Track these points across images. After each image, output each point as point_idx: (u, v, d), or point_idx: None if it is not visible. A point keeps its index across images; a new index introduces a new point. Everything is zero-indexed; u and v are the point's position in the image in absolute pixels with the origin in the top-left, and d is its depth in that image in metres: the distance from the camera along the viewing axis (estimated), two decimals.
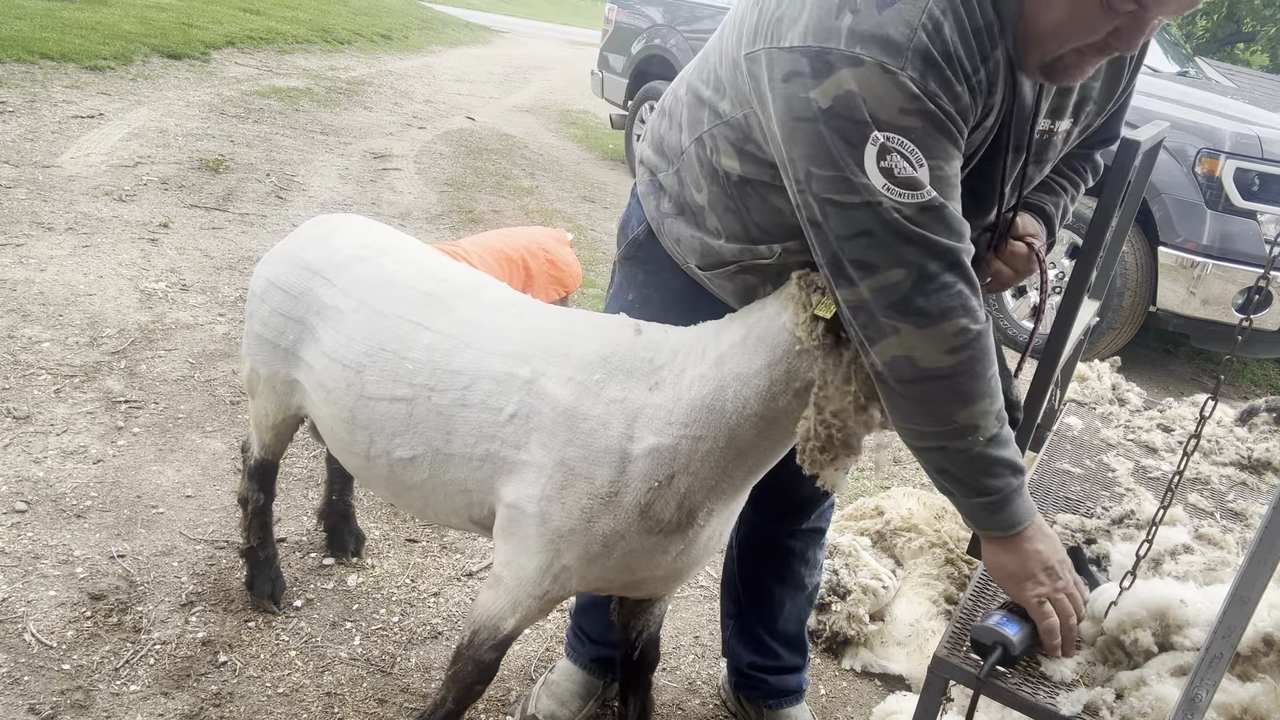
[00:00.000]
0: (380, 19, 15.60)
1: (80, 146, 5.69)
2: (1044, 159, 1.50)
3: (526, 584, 1.62)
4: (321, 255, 1.93)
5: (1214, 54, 17.52)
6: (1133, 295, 5.04)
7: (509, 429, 1.61)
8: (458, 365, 1.66)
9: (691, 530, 1.59)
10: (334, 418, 1.82)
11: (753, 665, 2.17)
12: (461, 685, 1.72)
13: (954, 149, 1.23)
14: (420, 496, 1.77)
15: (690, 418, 1.50)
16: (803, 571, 2.09)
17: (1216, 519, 2.27)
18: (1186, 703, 1.21)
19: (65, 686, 2.00)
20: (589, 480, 1.54)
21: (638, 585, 1.71)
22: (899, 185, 1.20)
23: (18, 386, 3.06)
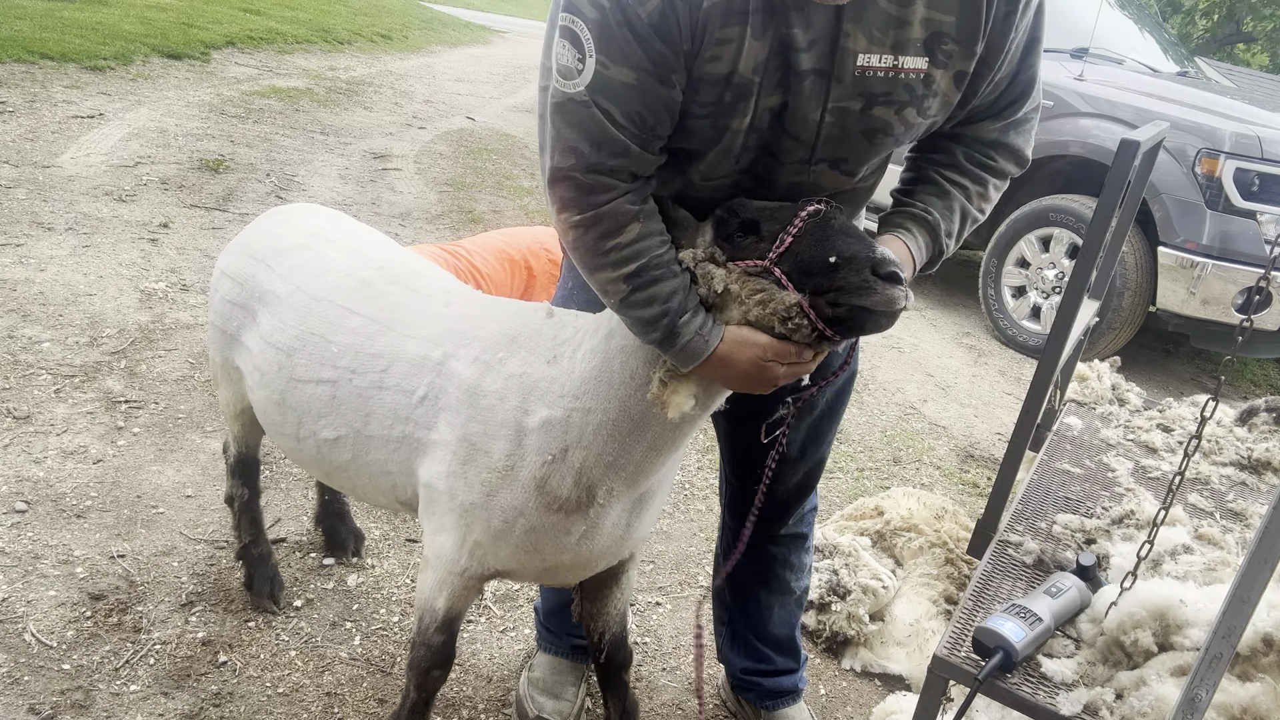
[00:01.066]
0: (380, 19, 15.59)
1: (80, 146, 5.69)
2: (892, 98, 1.37)
3: (446, 561, 1.66)
4: (267, 243, 1.98)
5: (1214, 54, 17.52)
6: (1133, 295, 5.05)
7: (420, 410, 1.65)
8: (377, 349, 1.71)
9: (593, 510, 1.59)
10: (267, 400, 1.87)
11: (746, 670, 2.19)
12: (419, 672, 1.76)
13: (639, 54, 1.26)
14: (348, 477, 1.83)
15: (581, 389, 1.52)
16: (788, 576, 2.10)
17: (1216, 519, 2.27)
18: (1186, 703, 1.21)
19: (65, 686, 2.00)
20: (487, 454, 1.57)
21: (550, 571, 1.71)
22: (559, 73, 1.30)
23: (18, 386, 3.06)
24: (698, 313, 1.40)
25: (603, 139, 1.32)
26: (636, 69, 1.28)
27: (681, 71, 1.31)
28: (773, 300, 1.35)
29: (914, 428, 4.15)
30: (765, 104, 1.37)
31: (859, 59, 1.32)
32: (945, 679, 1.56)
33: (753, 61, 1.31)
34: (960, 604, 1.75)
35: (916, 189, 1.56)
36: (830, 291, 1.30)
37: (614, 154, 1.34)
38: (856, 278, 1.28)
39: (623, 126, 1.32)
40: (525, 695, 2.15)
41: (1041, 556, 1.93)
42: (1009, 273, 5.58)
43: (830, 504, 3.33)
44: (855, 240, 1.32)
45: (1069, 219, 5.23)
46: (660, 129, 1.36)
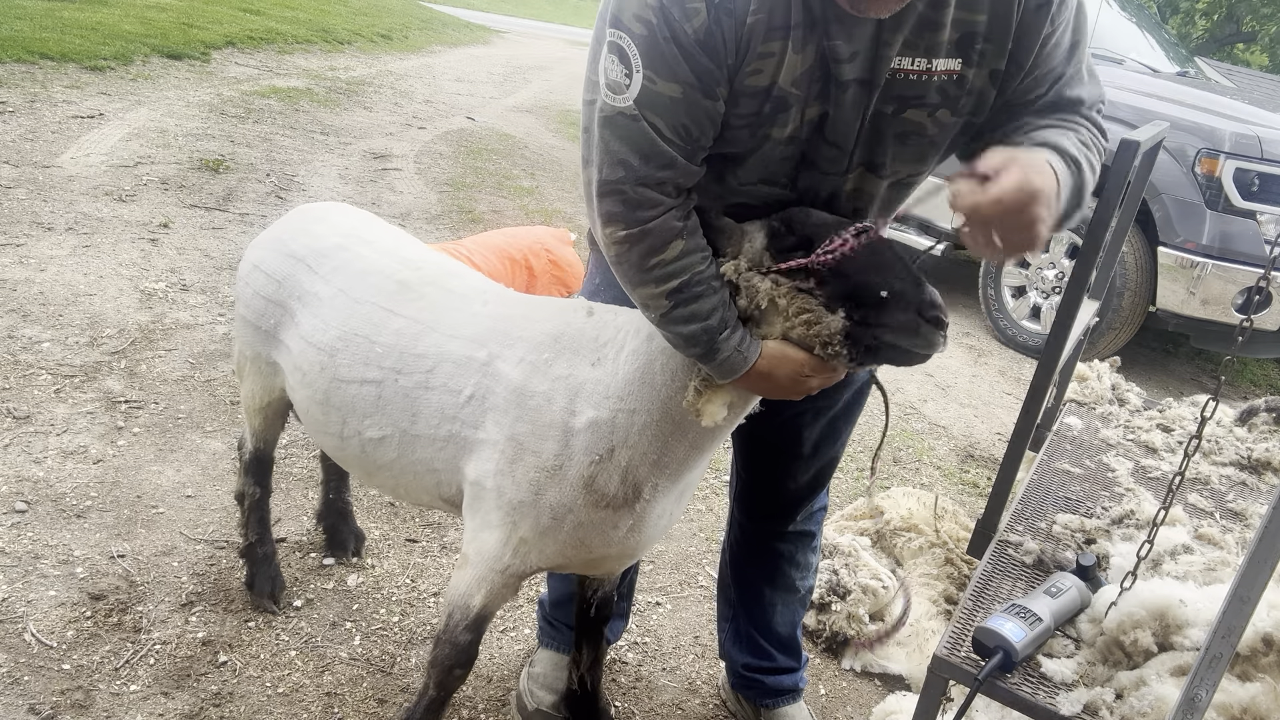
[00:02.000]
0: (380, 19, 15.59)
1: (80, 146, 5.69)
2: (925, 101, 1.38)
3: (489, 559, 1.68)
4: (305, 243, 2.00)
5: (1214, 54, 17.52)
6: (1132, 295, 5.05)
7: (468, 410, 1.68)
8: (422, 349, 1.74)
9: (639, 505, 1.62)
10: (309, 399, 1.90)
11: (747, 667, 2.20)
12: (441, 670, 1.77)
13: (684, 69, 1.29)
14: (391, 476, 1.85)
15: (625, 391, 1.56)
16: (793, 574, 2.11)
17: (1216, 519, 2.27)
18: (1186, 703, 1.21)
19: (65, 686, 2.00)
20: (536, 454, 1.60)
21: (596, 563, 1.75)
22: (608, 87, 1.32)
23: (18, 386, 3.06)
24: (737, 329, 1.43)
25: (651, 152, 1.34)
26: (683, 83, 1.30)
27: (725, 85, 1.33)
28: (819, 324, 1.37)
29: (914, 428, 4.16)
30: (808, 116, 1.38)
31: (895, 63, 1.34)
32: (945, 679, 1.56)
33: (793, 74, 1.33)
34: (960, 604, 1.75)
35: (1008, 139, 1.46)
36: (876, 326, 1.33)
37: (661, 166, 1.35)
38: (904, 316, 1.32)
39: (669, 139, 1.34)
40: (525, 690, 2.17)
41: (1041, 556, 1.93)
42: (1009, 273, 5.58)
43: (831, 504, 3.32)
44: (906, 276, 1.34)
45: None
46: (704, 140, 1.38)
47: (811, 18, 1.30)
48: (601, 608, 1.98)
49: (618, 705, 2.26)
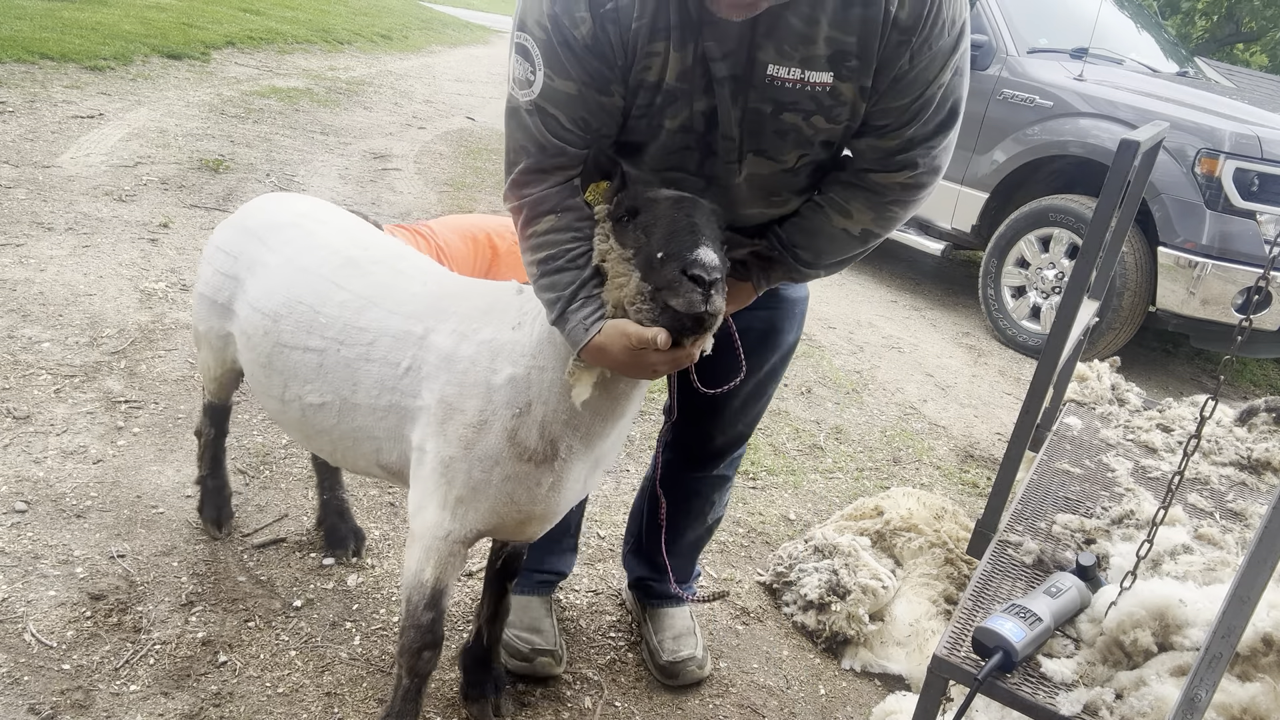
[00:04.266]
0: (380, 19, 15.59)
1: (80, 146, 5.69)
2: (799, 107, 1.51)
3: (431, 528, 1.77)
4: (261, 220, 2.15)
5: (1213, 54, 17.51)
6: (1132, 295, 5.05)
7: (406, 380, 1.80)
8: (364, 323, 1.85)
9: (557, 464, 1.73)
10: (253, 362, 2.03)
11: (641, 578, 2.48)
12: (411, 655, 1.84)
13: (578, 69, 1.47)
14: (330, 441, 1.96)
15: (537, 349, 1.68)
16: (707, 510, 2.37)
17: (1216, 519, 2.27)
18: (1186, 703, 1.21)
19: (65, 686, 2.00)
20: (463, 411, 1.72)
21: (523, 524, 1.83)
22: (515, 82, 1.52)
23: (18, 386, 3.06)
24: (587, 305, 1.56)
25: (545, 142, 1.53)
26: (577, 82, 1.48)
27: (619, 82, 1.51)
28: (625, 287, 1.51)
29: (914, 428, 4.16)
30: (697, 108, 1.53)
31: (769, 69, 1.48)
32: (945, 679, 1.57)
33: (676, 71, 1.49)
34: (960, 604, 1.75)
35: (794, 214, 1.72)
36: (657, 287, 1.45)
37: (554, 155, 1.55)
38: (670, 274, 1.42)
39: (568, 130, 1.53)
40: (510, 637, 2.29)
41: (1041, 556, 1.93)
42: (1009, 273, 5.58)
43: (830, 504, 3.33)
44: (686, 238, 1.44)
45: (1069, 219, 5.23)
46: (605, 130, 1.57)
47: (688, 20, 1.45)
48: (509, 563, 2.09)
49: (617, 705, 2.26)
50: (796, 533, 3.06)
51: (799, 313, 2.14)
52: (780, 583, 2.75)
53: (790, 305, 2.11)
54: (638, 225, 1.51)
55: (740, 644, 2.56)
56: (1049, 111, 5.37)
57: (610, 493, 3.14)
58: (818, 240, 1.69)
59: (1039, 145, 5.39)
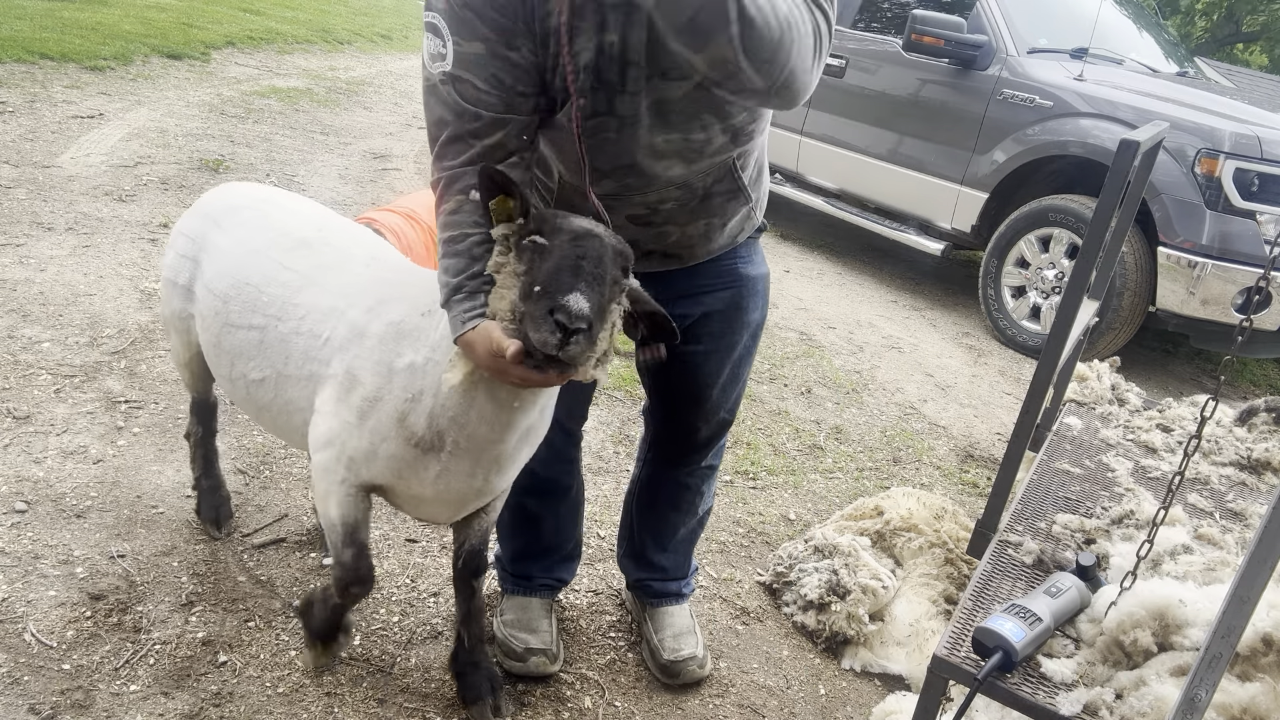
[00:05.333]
0: (380, 19, 15.59)
1: (80, 146, 5.69)
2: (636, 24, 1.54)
3: (327, 473, 1.86)
4: (219, 205, 2.22)
5: (1213, 54, 17.51)
6: (1132, 295, 5.05)
7: (324, 351, 1.87)
8: (300, 300, 1.93)
9: (443, 455, 1.77)
10: (207, 343, 2.12)
11: (639, 579, 2.47)
12: (340, 587, 1.96)
13: (482, 28, 1.53)
14: (271, 416, 2.03)
15: (438, 343, 1.72)
16: (696, 502, 2.37)
17: (1216, 519, 2.27)
18: (1186, 703, 1.21)
19: (65, 686, 2.00)
20: (363, 385, 1.79)
21: (417, 503, 1.91)
22: (429, 58, 1.58)
23: (18, 386, 3.06)
24: (471, 298, 1.60)
25: (460, 109, 1.58)
26: (483, 40, 1.54)
27: (526, 35, 1.55)
28: (504, 300, 1.57)
29: (914, 428, 4.16)
30: (595, 43, 1.57)
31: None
32: (945, 679, 1.57)
33: (572, 7, 1.53)
34: (960, 604, 1.75)
35: None
36: (525, 314, 1.49)
37: (470, 120, 1.59)
38: (538, 311, 1.45)
39: (483, 91, 1.57)
40: (506, 636, 2.29)
41: (1041, 556, 1.93)
42: (1009, 273, 5.58)
43: (830, 504, 3.33)
44: (566, 279, 1.46)
45: (1069, 219, 5.23)
46: (520, 87, 1.60)
47: None
48: (470, 559, 2.10)
49: (617, 705, 2.26)
50: (796, 533, 3.06)
51: (761, 290, 2.13)
52: (780, 583, 2.75)
53: (751, 283, 2.11)
54: (536, 248, 1.53)
55: (740, 644, 2.56)
56: (1049, 111, 5.37)
57: (610, 493, 3.14)
58: None
59: (1039, 145, 5.39)
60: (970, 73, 5.76)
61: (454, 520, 2.04)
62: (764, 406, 4.06)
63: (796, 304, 5.57)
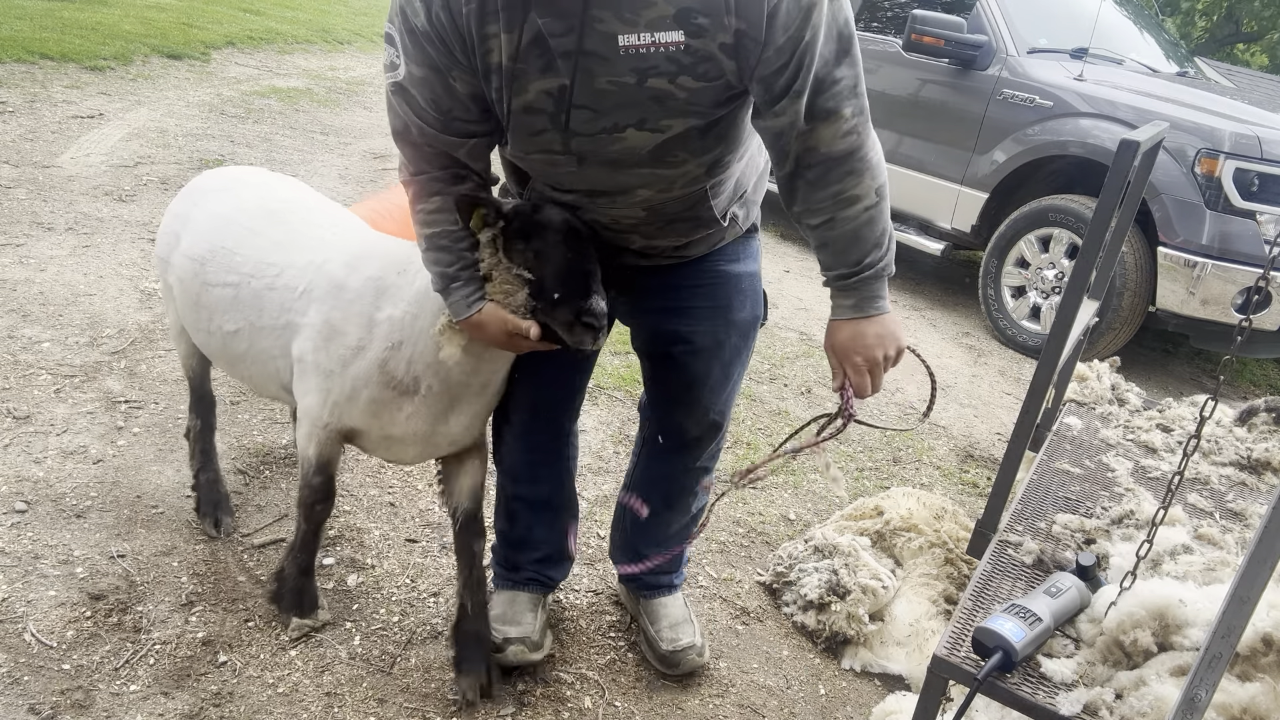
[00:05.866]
0: (380, 19, 15.55)
1: (80, 146, 5.69)
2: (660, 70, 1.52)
3: (312, 417, 2.05)
4: (200, 184, 2.44)
5: (1213, 54, 17.51)
6: (1132, 295, 5.05)
7: (300, 302, 2.05)
8: (273, 259, 2.13)
9: (418, 398, 1.97)
10: (186, 303, 2.31)
11: (631, 574, 2.49)
12: (305, 508, 2.16)
13: (423, 54, 1.58)
14: (245, 366, 2.23)
15: (415, 298, 1.91)
16: (689, 501, 2.39)
17: (1216, 519, 2.27)
18: (1186, 703, 1.21)
19: (65, 686, 2.00)
20: (344, 335, 1.97)
21: (389, 442, 2.09)
22: (386, 66, 1.66)
23: (18, 386, 3.06)
24: (469, 284, 1.76)
25: (409, 120, 1.68)
26: (423, 66, 1.60)
27: (462, 68, 1.59)
28: (511, 299, 1.75)
29: (914, 428, 4.15)
30: (538, 86, 1.58)
31: (620, 39, 1.50)
32: (945, 679, 1.57)
33: (511, 50, 1.54)
34: (960, 604, 1.75)
35: None
36: (546, 316, 1.72)
37: (421, 130, 1.68)
38: (565, 315, 1.69)
39: (424, 110, 1.65)
40: (491, 631, 2.27)
41: (1041, 556, 1.93)
42: (1009, 273, 5.58)
43: (830, 504, 3.33)
44: (581, 283, 1.69)
45: (1069, 219, 5.23)
46: (458, 113, 1.66)
47: (516, 1, 1.50)
48: (467, 525, 2.21)
49: (617, 705, 2.26)
50: (796, 533, 3.06)
51: (746, 288, 2.10)
52: (780, 583, 2.75)
53: (735, 280, 2.07)
54: (529, 248, 1.73)
55: (740, 644, 2.56)
56: (1049, 111, 5.37)
57: (610, 492, 3.14)
58: (859, 240, 1.68)
59: (1039, 145, 5.39)
60: (970, 73, 5.76)
61: (418, 461, 2.25)
62: (764, 406, 4.06)
63: (796, 304, 5.56)
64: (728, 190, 1.89)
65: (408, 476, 3.04)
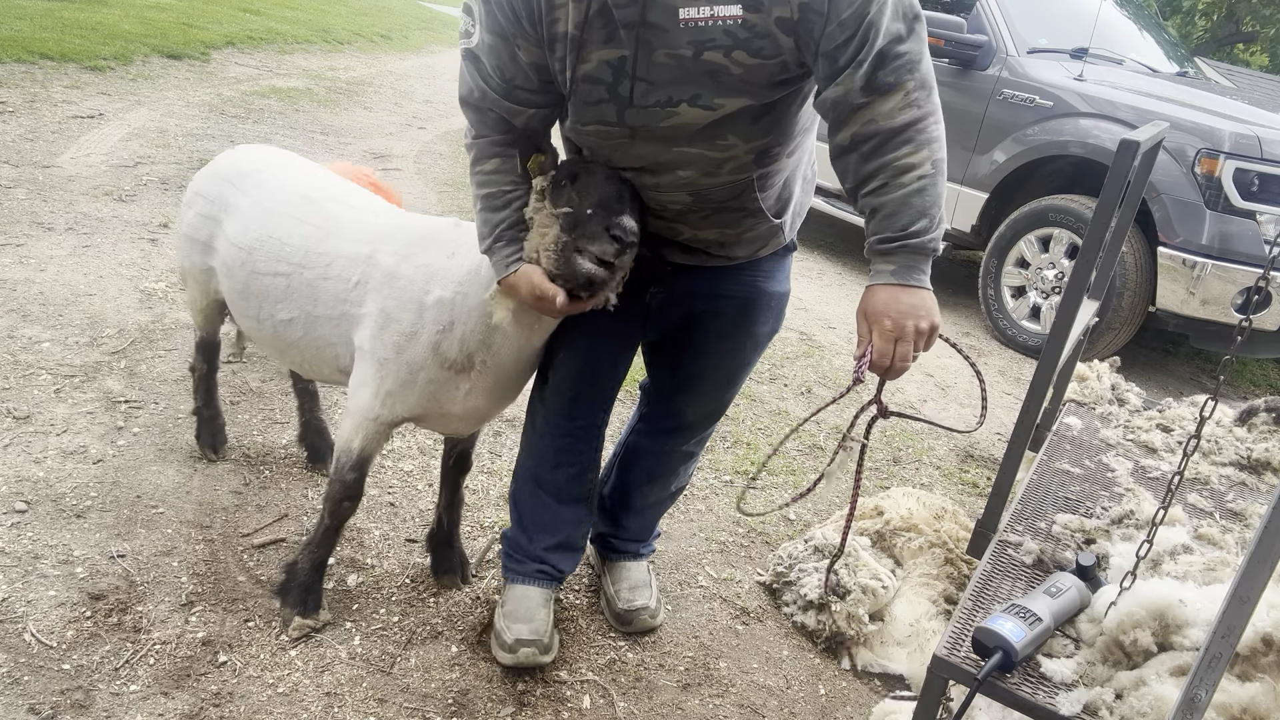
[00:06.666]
0: (380, 19, 15.59)
1: (80, 146, 5.69)
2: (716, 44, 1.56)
3: (363, 410, 2.10)
4: (231, 167, 2.51)
5: (1213, 54, 17.50)
6: (1132, 295, 5.05)
7: (355, 292, 2.12)
8: (323, 249, 2.19)
9: (473, 374, 2.05)
10: (233, 290, 2.37)
11: (602, 534, 2.60)
12: (333, 503, 2.20)
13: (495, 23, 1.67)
14: (298, 352, 2.30)
15: (465, 279, 1.99)
16: (672, 480, 2.49)
17: (1216, 519, 2.27)
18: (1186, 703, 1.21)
19: (65, 686, 2.00)
20: (398, 322, 2.03)
21: (445, 420, 2.18)
22: (462, 33, 1.75)
23: (18, 386, 3.06)
24: (512, 243, 1.85)
25: (475, 85, 1.79)
26: (494, 34, 1.69)
27: (528, 37, 1.67)
28: (545, 237, 1.79)
29: (914, 428, 4.15)
30: (600, 56, 1.64)
31: (681, 12, 1.55)
32: (945, 679, 1.57)
33: (577, 20, 1.60)
34: (960, 604, 1.75)
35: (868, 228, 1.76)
36: (578, 237, 1.73)
37: (484, 95, 1.78)
38: (595, 227, 1.72)
39: (490, 76, 1.75)
40: (501, 628, 2.30)
41: (1041, 556, 1.93)
42: (1009, 273, 5.58)
43: (830, 504, 3.33)
44: (616, 204, 1.73)
45: (1069, 219, 5.23)
46: (520, 82, 1.75)
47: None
48: (460, 459, 2.45)
49: (617, 705, 2.26)
50: (796, 533, 3.06)
51: (774, 306, 2.18)
52: (780, 583, 2.75)
53: (765, 297, 2.15)
54: (574, 188, 1.78)
55: (740, 644, 2.56)
56: (1049, 111, 5.37)
57: None
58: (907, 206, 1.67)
59: (1039, 145, 5.39)
60: (970, 73, 5.76)
61: (470, 432, 2.38)
62: (764, 406, 4.06)
63: (796, 304, 5.56)
64: (776, 187, 1.93)
65: (408, 476, 3.04)
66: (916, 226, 1.67)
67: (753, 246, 2.05)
